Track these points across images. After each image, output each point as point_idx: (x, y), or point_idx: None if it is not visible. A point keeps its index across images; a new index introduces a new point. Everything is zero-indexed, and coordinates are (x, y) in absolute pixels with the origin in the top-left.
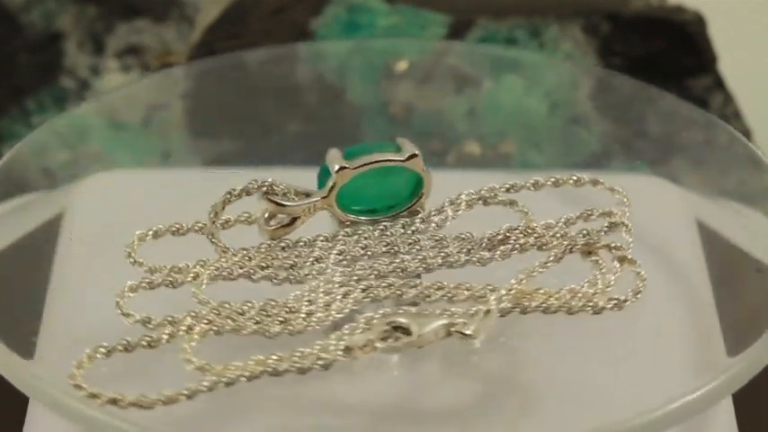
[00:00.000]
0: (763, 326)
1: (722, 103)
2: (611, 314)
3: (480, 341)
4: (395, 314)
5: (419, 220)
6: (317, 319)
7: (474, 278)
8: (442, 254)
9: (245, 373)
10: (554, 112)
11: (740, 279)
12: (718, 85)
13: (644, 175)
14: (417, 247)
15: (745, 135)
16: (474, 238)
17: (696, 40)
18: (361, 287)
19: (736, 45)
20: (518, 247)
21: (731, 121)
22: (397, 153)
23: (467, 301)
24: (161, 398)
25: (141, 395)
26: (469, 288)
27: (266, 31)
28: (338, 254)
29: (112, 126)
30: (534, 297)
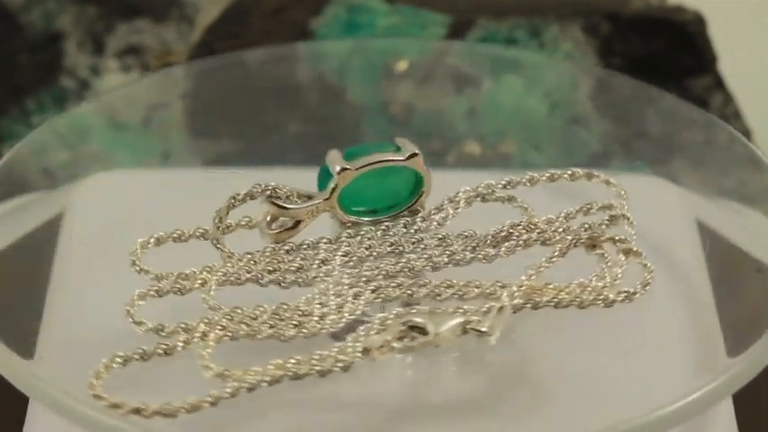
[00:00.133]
0: (763, 326)
1: (722, 103)
2: (610, 313)
3: (496, 338)
4: (410, 314)
5: (420, 219)
6: (331, 321)
7: (477, 275)
8: (447, 252)
9: (265, 378)
10: (554, 112)
11: (740, 279)
12: (718, 85)
13: (644, 175)
14: (422, 246)
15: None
16: (477, 236)
17: (696, 40)
18: (370, 288)
19: (736, 45)
20: (522, 243)
21: (731, 121)
22: (397, 153)
23: (477, 298)
24: (185, 405)
25: (165, 403)
26: (479, 285)
27: (266, 31)
28: (343, 255)
29: (112, 126)
30: (544, 292)
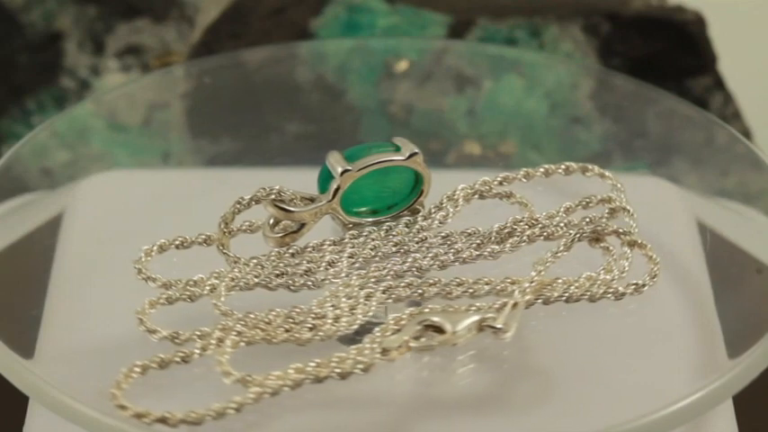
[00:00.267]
0: (763, 327)
1: (722, 103)
2: (610, 314)
3: (511, 335)
4: (424, 313)
5: (421, 217)
6: (345, 323)
7: (478, 272)
8: (452, 250)
9: (287, 383)
10: (554, 112)
11: (740, 279)
12: (718, 85)
13: (644, 175)
14: (426, 245)
15: (745, 135)
16: (480, 233)
17: (696, 40)
18: (381, 288)
19: (736, 45)
20: (526, 238)
21: (731, 121)
22: (396, 152)
23: (488, 295)
24: (210, 413)
25: (190, 411)
26: (489, 282)
27: (266, 31)
28: (350, 257)
29: (112, 126)
30: (554, 287)
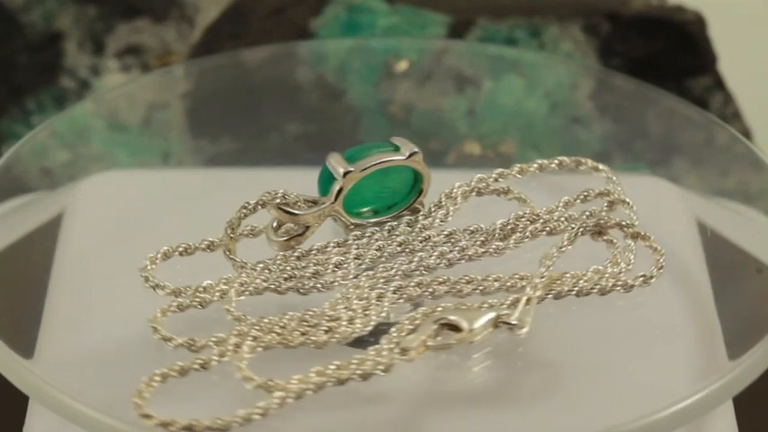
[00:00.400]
0: (763, 327)
1: (722, 103)
2: (610, 314)
3: (527, 330)
4: (441, 311)
5: (422, 216)
6: (360, 324)
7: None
8: (457, 248)
9: (310, 386)
10: (554, 112)
11: (740, 279)
12: (718, 85)
13: (644, 175)
14: (431, 244)
15: (745, 135)
16: (484, 230)
17: (696, 40)
18: (391, 289)
19: (736, 45)
20: (529, 234)
21: (731, 121)
22: (396, 152)
23: (498, 291)
24: (236, 419)
25: (216, 417)
26: (498, 279)
27: (266, 31)
28: (356, 258)
29: (112, 126)
30: (564, 281)
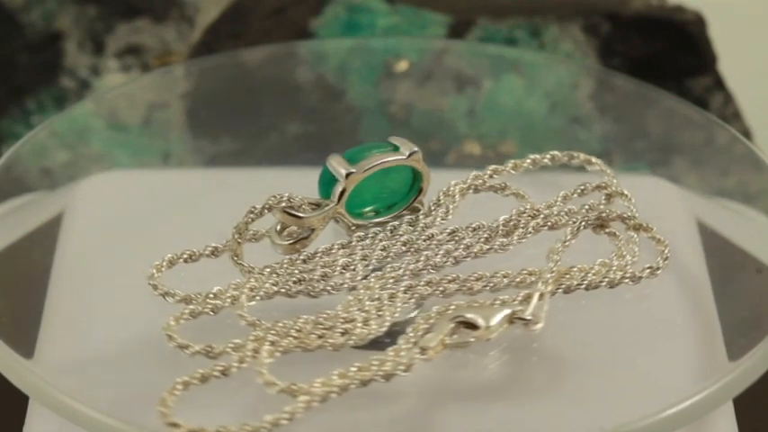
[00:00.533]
0: (763, 327)
1: (722, 103)
2: (609, 314)
3: (541, 326)
4: (456, 309)
5: (423, 215)
6: (376, 325)
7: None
8: (462, 245)
9: (333, 389)
10: (554, 112)
11: (740, 279)
12: (718, 85)
13: (644, 175)
14: (435, 242)
15: (745, 135)
16: (486, 226)
17: (696, 40)
18: (402, 288)
19: (736, 45)
20: (531, 229)
21: (731, 121)
22: (396, 152)
23: (507, 288)
24: (265, 425)
25: (244, 423)
26: (506, 275)
27: (266, 31)
28: (362, 259)
29: (112, 126)
30: (572, 276)
